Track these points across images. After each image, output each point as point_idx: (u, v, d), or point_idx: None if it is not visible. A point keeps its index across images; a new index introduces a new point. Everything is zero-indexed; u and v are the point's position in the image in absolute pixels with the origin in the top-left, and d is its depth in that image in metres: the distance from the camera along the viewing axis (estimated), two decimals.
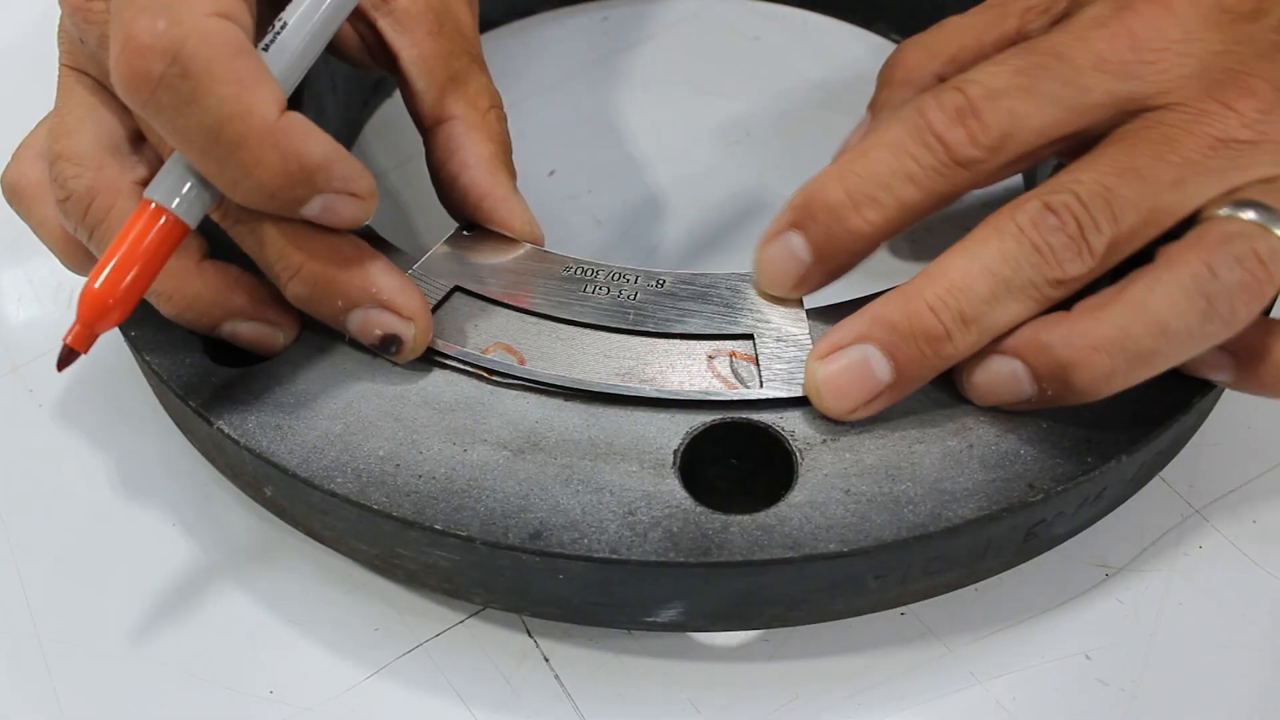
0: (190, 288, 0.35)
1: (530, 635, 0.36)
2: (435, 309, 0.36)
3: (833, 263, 0.34)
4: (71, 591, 0.37)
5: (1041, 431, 0.33)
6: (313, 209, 0.33)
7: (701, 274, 0.37)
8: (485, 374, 0.35)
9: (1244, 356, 0.34)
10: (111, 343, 0.43)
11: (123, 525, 0.39)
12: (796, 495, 0.32)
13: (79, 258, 0.37)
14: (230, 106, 0.30)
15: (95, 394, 0.42)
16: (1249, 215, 0.31)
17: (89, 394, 0.42)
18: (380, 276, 0.34)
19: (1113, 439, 0.33)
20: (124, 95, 0.30)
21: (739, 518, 0.32)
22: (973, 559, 0.34)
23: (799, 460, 0.33)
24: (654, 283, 0.37)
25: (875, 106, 0.42)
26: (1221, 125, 0.32)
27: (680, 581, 0.32)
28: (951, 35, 0.40)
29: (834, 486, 0.33)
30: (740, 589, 0.32)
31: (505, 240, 0.38)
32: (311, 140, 0.31)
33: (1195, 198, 0.32)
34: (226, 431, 0.34)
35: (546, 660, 0.36)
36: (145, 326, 0.37)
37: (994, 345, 0.33)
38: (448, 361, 0.35)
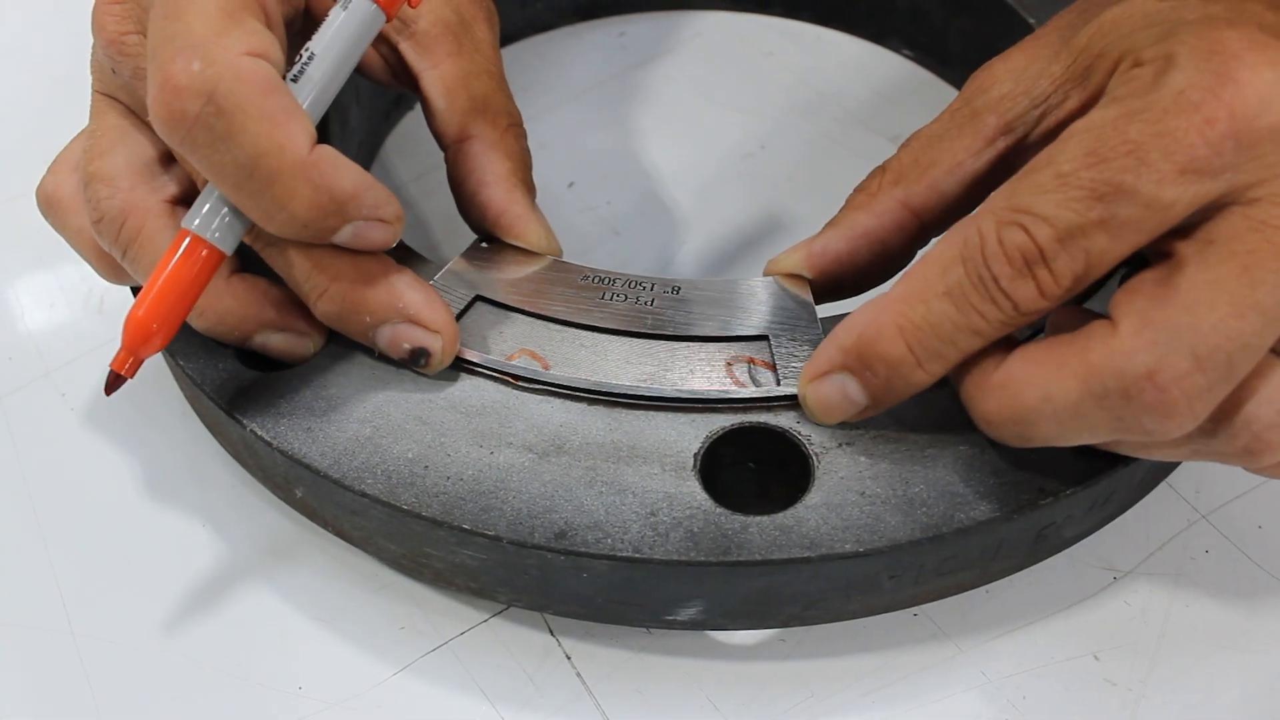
0: (221, 303, 0.36)
1: (552, 634, 0.37)
2: (458, 318, 0.37)
3: (890, 404, 0.33)
4: (105, 590, 0.38)
5: None
6: (343, 236, 0.33)
7: (715, 280, 0.38)
8: (511, 379, 0.36)
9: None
10: None
11: (154, 526, 0.40)
12: (813, 497, 0.33)
13: (112, 268, 0.38)
14: (264, 143, 0.31)
15: (126, 398, 0.43)
16: None
17: (120, 398, 0.42)
18: (406, 291, 0.35)
19: None
20: (162, 133, 0.31)
21: (758, 519, 0.33)
22: (984, 560, 0.35)
23: (815, 463, 0.34)
24: (669, 289, 0.38)
25: (832, 225, 0.37)
26: None
27: (701, 580, 0.33)
28: (923, 158, 0.36)
29: (850, 489, 0.33)
30: (758, 588, 0.33)
31: (523, 252, 0.39)
32: (342, 172, 0.32)
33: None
34: (259, 434, 0.35)
35: (568, 658, 0.36)
36: (178, 332, 0.38)
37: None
38: (473, 368, 0.36)
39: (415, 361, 0.35)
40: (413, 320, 0.35)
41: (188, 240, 0.33)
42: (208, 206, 0.33)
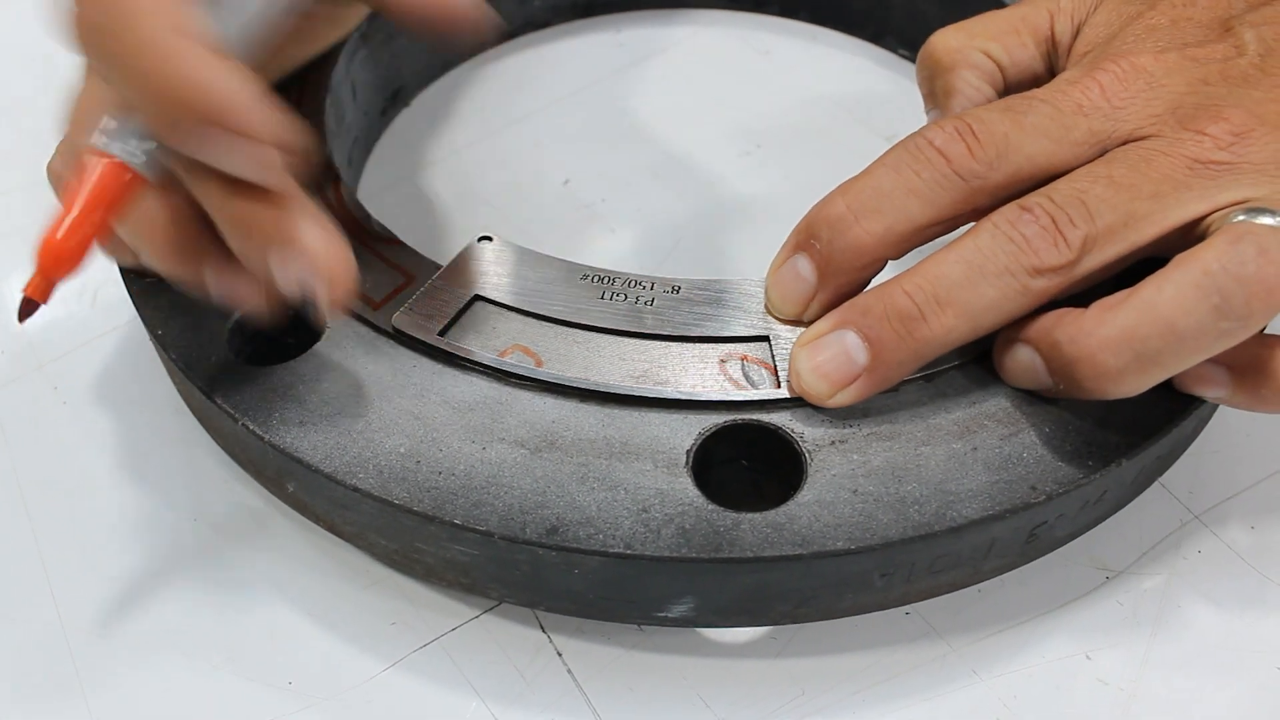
0: (157, 217, 0.34)
1: (544, 630, 0.37)
2: (457, 317, 0.37)
3: (837, 279, 0.35)
4: (96, 585, 0.38)
5: (1044, 436, 0.34)
6: (225, 155, 0.31)
7: (716, 280, 0.38)
8: (503, 375, 0.36)
9: (1241, 372, 0.34)
10: (136, 340, 0.44)
11: (145, 520, 0.40)
12: (805, 495, 0.33)
13: (114, 244, 0.38)
14: (137, 21, 0.30)
15: (118, 391, 0.43)
16: (1265, 220, 0.32)
17: (112, 391, 0.43)
18: (303, 223, 0.33)
19: (1113, 444, 0.34)
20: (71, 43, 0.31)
21: (749, 515, 0.33)
22: (976, 559, 0.35)
23: (808, 461, 0.34)
24: (670, 289, 0.37)
25: (935, 95, 0.42)
26: (1196, 148, 0.33)
27: (692, 577, 0.33)
28: (988, 21, 0.41)
29: (842, 487, 0.33)
30: (750, 585, 0.33)
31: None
32: (213, 65, 0.30)
33: (1176, 210, 0.33)
34: (251, 428, 0.35)
35: (559, 655, 0.36)
36: (171, 325, 0.38)
37: (1017, 332, 0.34)
38: (466, 363, 0.36)
39: (306, 302, 0.33)
40: (305, 254, 0.33)
41: (93, 158, 0.32)
42: (114, 123, 0.32)
